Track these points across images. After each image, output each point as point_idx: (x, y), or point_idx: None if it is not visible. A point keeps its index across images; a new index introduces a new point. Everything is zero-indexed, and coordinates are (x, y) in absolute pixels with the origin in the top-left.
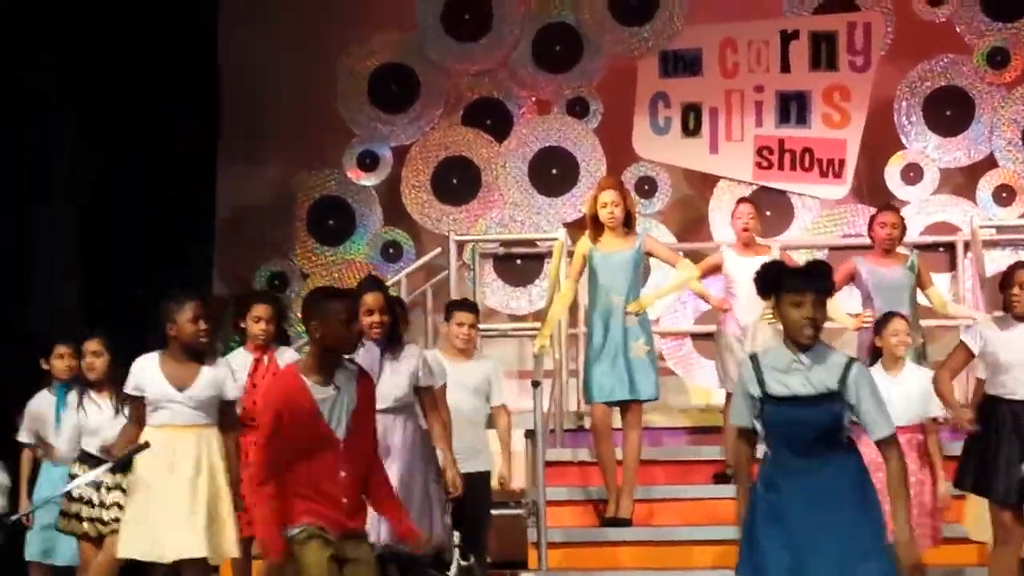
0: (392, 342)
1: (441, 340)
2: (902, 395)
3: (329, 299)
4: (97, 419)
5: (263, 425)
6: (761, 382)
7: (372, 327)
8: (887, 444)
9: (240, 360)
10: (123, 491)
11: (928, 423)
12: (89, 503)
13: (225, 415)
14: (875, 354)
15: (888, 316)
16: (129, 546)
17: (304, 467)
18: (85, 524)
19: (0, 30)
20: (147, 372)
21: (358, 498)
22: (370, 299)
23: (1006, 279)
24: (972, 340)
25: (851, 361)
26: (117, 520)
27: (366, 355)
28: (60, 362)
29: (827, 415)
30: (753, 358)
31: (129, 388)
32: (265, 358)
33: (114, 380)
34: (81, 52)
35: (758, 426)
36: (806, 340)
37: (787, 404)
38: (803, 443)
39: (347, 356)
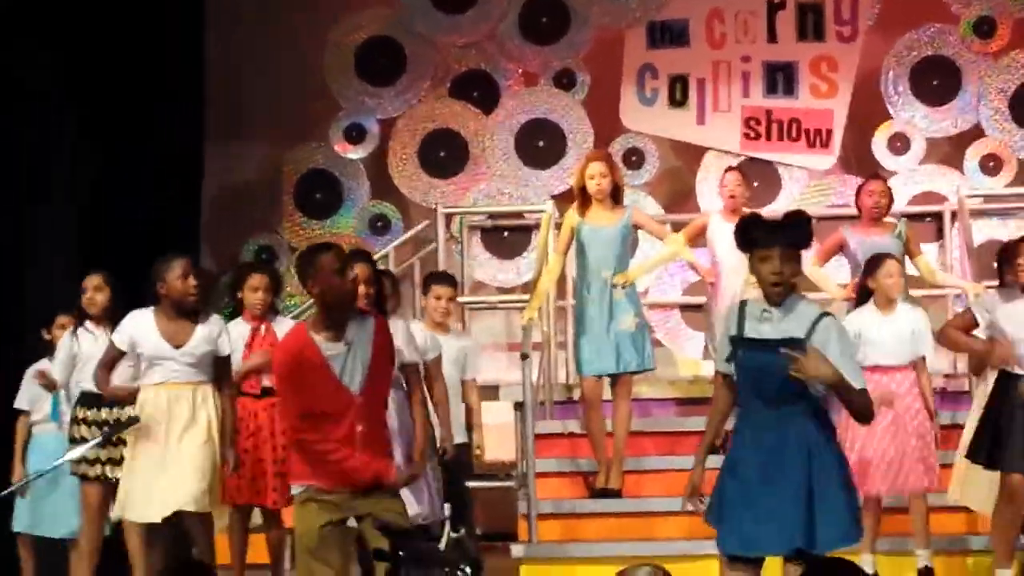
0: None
1: (423, 313)
2: (894, 334)
3: (318, 253)
4: (90, 348)
5: (277, 387)
6: (740, 325)
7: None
8: (862, 394)
9: (238, 330)
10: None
11: (919, 362)
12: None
13: (220, 371)
14: (864, 294)
15: (881, 257)
16: (132, 508)
17: (321, 423)
18: (98, 467)
19: (0, 30)
20: (142, 328)
21: (378, 450)
22: (356, 270)
23: (1009, 252)
24: (979, 311)
25: (823, 314)
26: (113, 461)
27: None
28: (62, 332)
29: (781, 363)
30: (742, 303)
31: (120, 343)
32: (262, 328)
33: (113, 316)
34: (81, 52)
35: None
36: (775, 295)
37: (756, 348)
38: (769, 393)
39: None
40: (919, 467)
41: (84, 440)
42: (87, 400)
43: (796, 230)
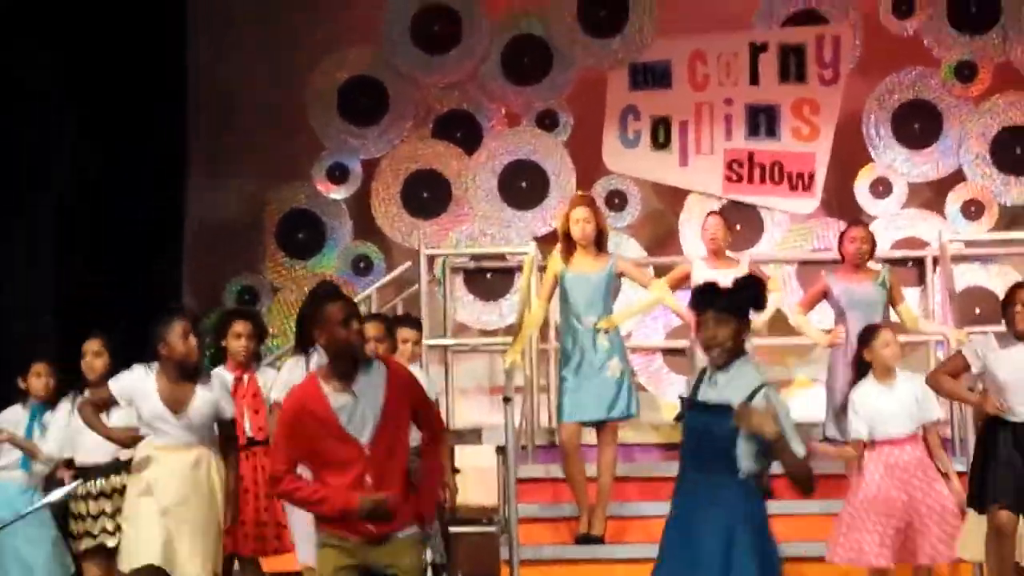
0: None
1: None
2: (899, 403)
3: (324, 302)
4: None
5: (277, 431)
6: (695, 388)
7: None
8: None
9: (220, 379)
10: (108, 497)
11: (929, 427)
12: (81, 517)
13: (224, 432)
14: (862, 367)
15: (875, 328)
16: (124, 562)
17: (329, 474)
18: (83, 541)
19: (0, 30)
20: (142, 389)
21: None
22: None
23: (1008, 298)
24: (971, 355)
25: (762, 386)
26: (107, 531)
27: None
28: (37, 380)
29: (726, 428)
30: (703, 368)
31: (117, 392)
32: (245, 377)
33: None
34: (81, 52)
35: None
36: (711, 360)
37: (697, 410)
38: (704, 457)
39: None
40: (930, 539)
41: (86, 516)
42: (85, 474)
43: (733, 295)
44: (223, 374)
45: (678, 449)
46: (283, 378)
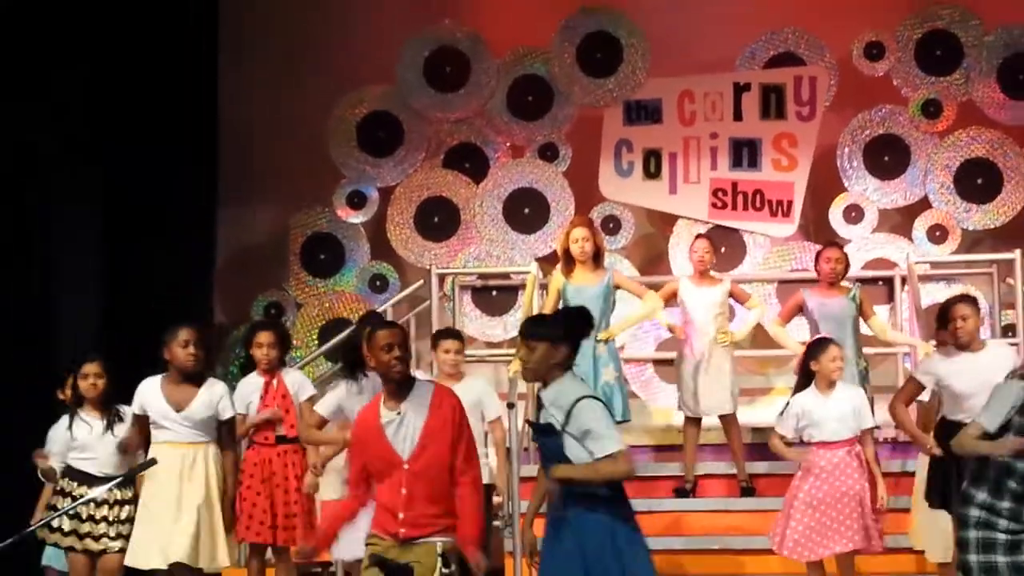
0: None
1: (430, 367)
2: (837, 412)
3: (377, 329)
4: (86, 438)
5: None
6: (536, 409)
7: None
8: (612, 459)
9: (253, 383)
10: (109, 506)
11: (864, 434)
12: (78, 517)
13: (223, 432)
14: (807, 375)
15: (825, 342)
16: (137, 555)
17: (378, 483)
18: (74, 539)
19: (11, 96)
20: (149, 394)
21: (418, 513)
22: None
23: (944, 313)
24: (923, 378)
25: (579, 399)
26: (107, 536)
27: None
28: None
29: (553, 446)
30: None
31: (135, 408)
32: (274, 381)
33: (106, 402)
34: (105, 123)
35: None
36: (527, 379)
37: (534, 431)
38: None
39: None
40: (847, 531)
41: (78, 516)
42: (74, 475)
43: (543, 324)
44: (254, 379)
45: (668, 451)
46: (327, 399)
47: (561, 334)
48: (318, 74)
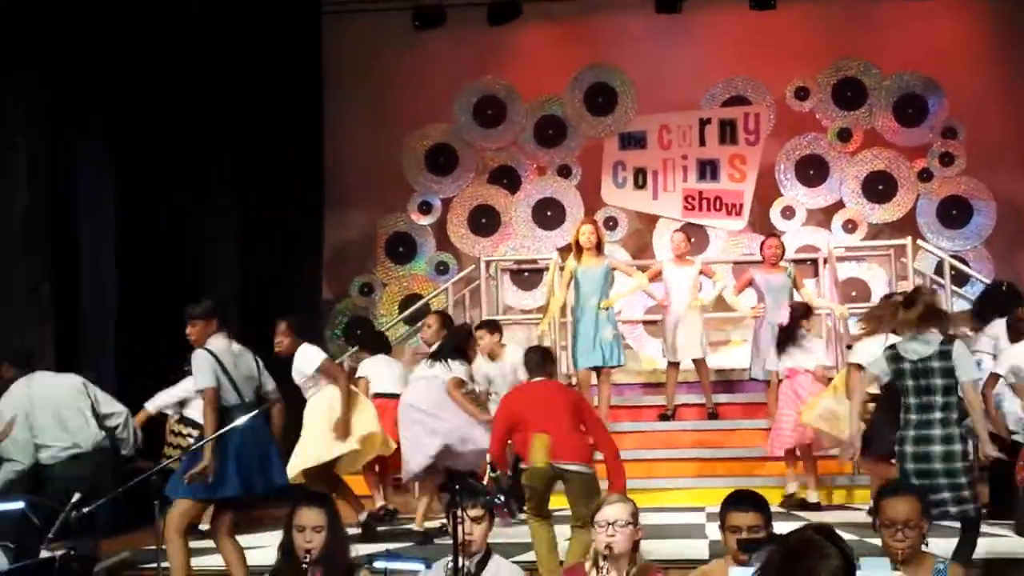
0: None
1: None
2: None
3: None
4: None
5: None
6: None
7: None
8: None
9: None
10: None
11: (818, 367)
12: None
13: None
14: (785, 332)
15: (803, 308)
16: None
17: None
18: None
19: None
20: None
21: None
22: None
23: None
24: (867, 363)
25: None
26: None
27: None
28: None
29: None
30: None
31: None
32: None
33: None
34: (238, 155)
35: None
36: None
37: None
38: None
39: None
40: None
41: (180, 448)
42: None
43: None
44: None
45: (654, 387)
46: (412, 376)
47: None
48: (396, 112)
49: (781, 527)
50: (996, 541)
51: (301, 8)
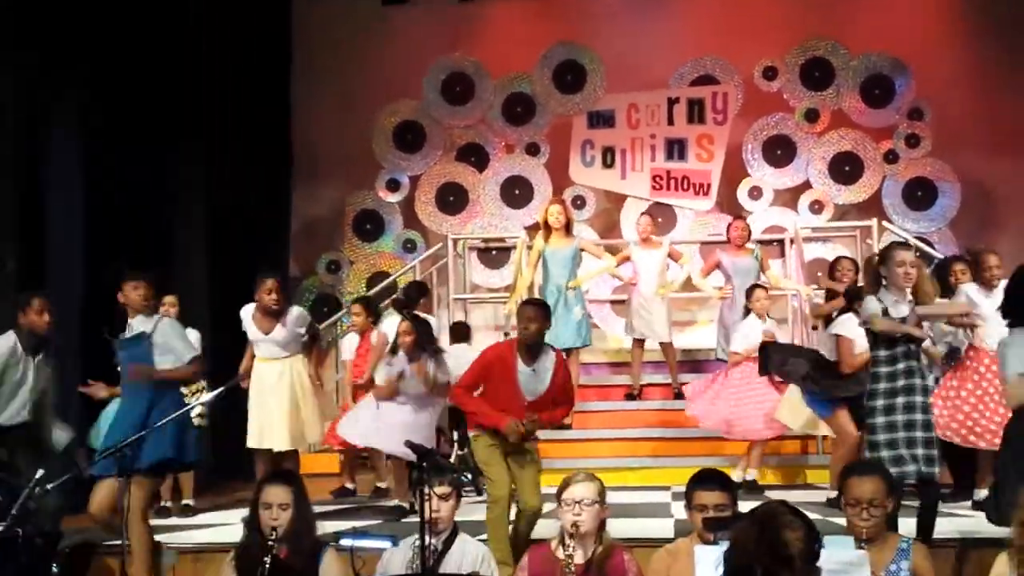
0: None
1: None
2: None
3: (526, 306)
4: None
5: (472, 367)
6: None
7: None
8: None
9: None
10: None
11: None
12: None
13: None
14: (747, 311)
15: (754, 287)
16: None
17: (493, 401)
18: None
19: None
20: (246, 321)
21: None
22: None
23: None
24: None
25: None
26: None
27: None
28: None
29: None
30: None
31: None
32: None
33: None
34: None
35: None
36: None
37: None
38: None
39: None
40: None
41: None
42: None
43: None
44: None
45: (620, 366)
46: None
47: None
48: (364, 90)
49: (746, 506)
50: (962, 521)
51: None
